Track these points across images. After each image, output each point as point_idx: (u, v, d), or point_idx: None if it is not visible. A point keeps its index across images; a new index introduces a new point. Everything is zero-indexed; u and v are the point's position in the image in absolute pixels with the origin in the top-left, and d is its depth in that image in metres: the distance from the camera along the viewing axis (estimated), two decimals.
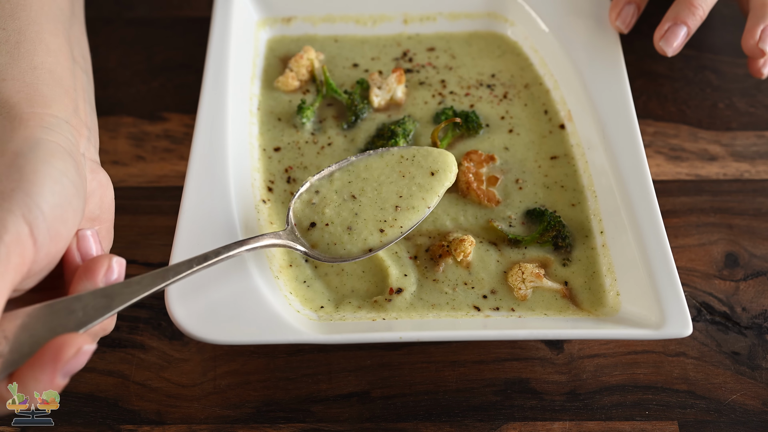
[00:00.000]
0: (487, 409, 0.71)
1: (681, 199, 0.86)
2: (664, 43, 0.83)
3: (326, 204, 0.71)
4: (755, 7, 0.83)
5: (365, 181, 0.72)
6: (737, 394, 0.72)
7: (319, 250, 0.70)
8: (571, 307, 0.72)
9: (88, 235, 0.58)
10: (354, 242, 0.70)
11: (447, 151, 0.76)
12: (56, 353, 0.48)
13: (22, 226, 0.50)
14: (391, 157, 0.74)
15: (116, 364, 0.74)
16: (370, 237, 0.70)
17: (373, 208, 0.71)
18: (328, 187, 0.72)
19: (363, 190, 0.72)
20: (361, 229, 0.70)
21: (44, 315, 0.51)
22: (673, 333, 0.64)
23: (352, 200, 0.71)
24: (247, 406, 0.72)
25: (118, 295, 0.54)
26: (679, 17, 0.82)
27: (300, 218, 0.71)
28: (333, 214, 0.71)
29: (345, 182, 0.72)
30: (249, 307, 0.66)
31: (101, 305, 0.53)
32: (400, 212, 0.71)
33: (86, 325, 0.52)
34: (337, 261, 0.70)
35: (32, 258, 0.51)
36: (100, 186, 0.63)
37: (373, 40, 0.95)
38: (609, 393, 0.72)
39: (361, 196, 0.71)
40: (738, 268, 0.81)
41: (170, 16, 1.07)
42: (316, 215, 0.71)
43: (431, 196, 0.72)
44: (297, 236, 0.70)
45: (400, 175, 0.72)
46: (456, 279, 0.74)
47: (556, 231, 0.76)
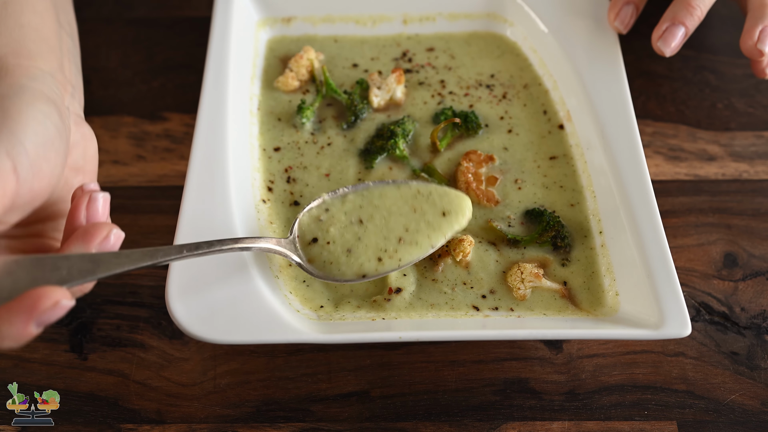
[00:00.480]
0: (487, 409, 0.71)
1: (680, 199, 0.87)
2: (662, 43, 0.83)
3: (333, 223, 0.72)
4: (754, 8, 0.83)
5: (376, 208, 0.72)
6: (736, 394, 0.72)
7: (314, 266, 0.70)
8: (570, 307, 0.72)
9: (100, 198, 0.58)
10: (350, 265, 0.70)
11: (465, 195, 0.74)
12: (34, 301, 0.49)
13: (5, 161, 0.52)
14: (407, 189, 0.74)
15: (116, 363, 0.74)
16: (366, 263, 0.70)
17: (377, 236, 0.71)
18: (339, 207, 0.73)
19: (371, 217, 0.72)
20: (359, 254, 0.70)
21: (30, 265, 0.53)
22: (672, 333, 0.64)
23: (359, 224, 0.71)
24: (246, 405, 0.72)
25: (105, 263, 0.54)
26: (677, 18, 0.82)
27: (304, 231, 0.72)
28: (337, 234, 0.71)
29: (356, 205, 0.73)
30: (249, 306, 0.66)
31: (86, 269, 0.53)
32: (402, 245, 0.71)
33: (67, 283, 0.52)
34: (329, 280, 0.70)
35: (14, 190, 0.53)
36: (83, 138, 0.66)
37: (372, 40, 0.96)
38: (608, 393, 0.72)
39: (369, 222, 0.71)
40: (737, 268, 0.81)
41: (170, 16, 1.07)
42: (320, 232, 0.71)
43: (437, 236, 0.72)
44: (297, 247, 0.71)
45: (412, 209, 0.72)
46: (455, 279, 0.74)
47: (555, 231, 0.76)
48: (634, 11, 0.87)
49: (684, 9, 0.82)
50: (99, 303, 0.78)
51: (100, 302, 0.79)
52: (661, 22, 0.84)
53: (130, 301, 0.79)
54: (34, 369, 0.74)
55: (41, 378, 0.73)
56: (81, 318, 0.77)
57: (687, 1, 0.82)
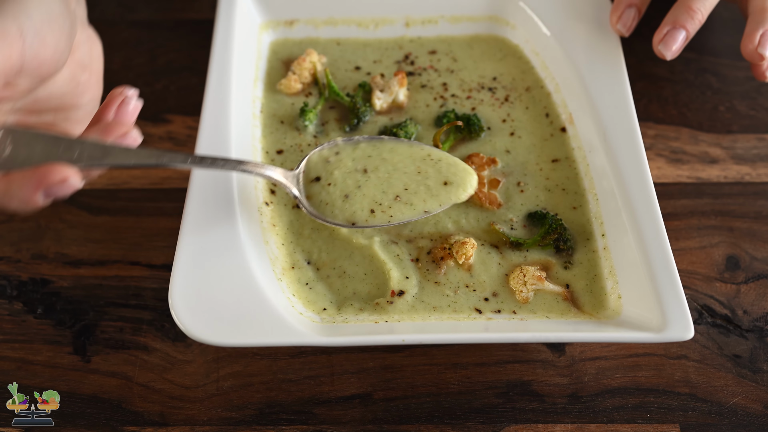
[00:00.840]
0: (489, 412, 0.72)
1: (682, 201, 0.87)
2: (663, 46, 0.83)
3: (338, 167, 0.73)
4: (754, 12, 0.83)
5: (383, 161, 0.73)
6: (739, 397, 0.72)
7: (311, 203, 0.72)
8: (572, 310, 0.72)
9: (132, 102, 0.63)
10: (343, 210, 0.72)
11: (473, 172, 0.75)
12: (46, 173, 0.54)
13: (11, 24, 0.56)
14: (419, 150, 0.75)
15: (120, 366, 0.75)
16: (359, 212, 0.71)
17: (376, 188, 0.72)
18: (349, 153, 0.74)
19: (376, 168, 0.73)
20: (354, 202, 0.72)
21: (47, 142, 0.57)
22: (675, 336, 0.64)
23: (362, 173, 0.72)
24: (249, 407, 0.72)
25: (115, 154, 0.58)
26: (678, 21, 0.82)
27: (310, 168, 0.73)
28: (339, 178, 0.72)
29: (365, 155, 0.73)
30: (252, 309, 0.66)
31: (97, 155, 0.58)
32: (397, 203, 0.71)
33: (77, 164, 0.57)
34: (320, 219, 0.72)
35: (21, 51, 0.56)
36: (88, 39, 0.69)
37: (375, 43, 0.96)
38: (610, 396, 0.72)
39: (372, 173, 0.72)
40: (739, 271, 0.81)
41: (173, 18, 1.08)
42: (324, 172, 0.73)
43: (433, 202, 0.73)
44: (299, 182, 0.73)
45: (417, 170, 0.73)
46: (457, 281, 0.74)
47: (558, 234, 0.76)
48: (636, 14, 0.87)
49: (685, 13, 0.82)
50: (102, 305, 0.79)
51: (103, 304, 0.79)
52: (662, 25, 0.84)
53: (133, 303, 0.79)
54: (37, 371, 0.74)
55: (45, 380, 0.74)
56: (84, 320, 0.78)
57: (688, 4, 0.82)
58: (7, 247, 0.83)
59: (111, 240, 0.84)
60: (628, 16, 0.87)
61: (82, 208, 0.86)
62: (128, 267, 0.82)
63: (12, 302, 0.79)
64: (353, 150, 0.73)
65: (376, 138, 0.75)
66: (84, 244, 0.83)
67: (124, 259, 0.82)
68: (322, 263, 0.75)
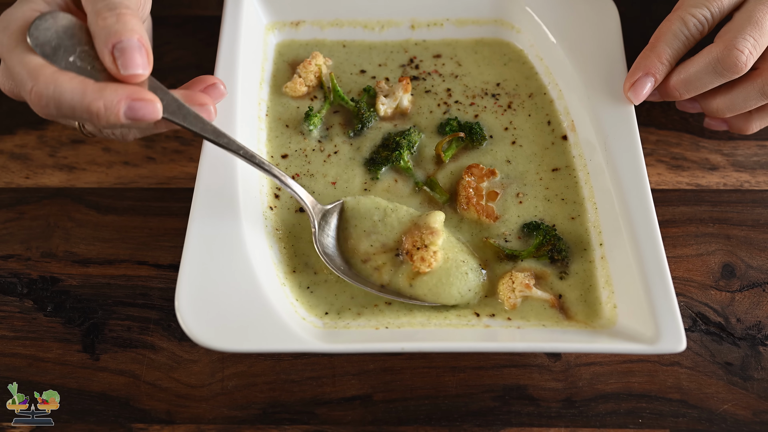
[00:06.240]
0: (486, 415, 0.74)
1: (681, 208, 0.88)
2: (633, 94, 0.82)
3: (361, 240, 0.78)
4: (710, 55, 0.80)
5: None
6: (729, 404, 0.74)
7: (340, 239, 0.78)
8: (559, 317, 0.73)
9: (221, 88, 0.74)
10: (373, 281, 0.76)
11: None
12: (138, 90, 0.62)
13: None
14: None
15: (128, 364, 0.77)
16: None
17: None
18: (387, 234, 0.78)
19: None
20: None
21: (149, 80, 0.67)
22: (667, 348, 0.65)
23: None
24: (253, 407, 0.74)
25: (183, 114, 0.68)
26: (649, 69, 0.81)
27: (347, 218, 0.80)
28: (352, 242, 0.79)
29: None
30: (257, 314, 0.68)
31: (172, 108, 0.67)
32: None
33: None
34: (326, 260, 0.76)
35: None
36: None
37: (380, 45, 0.96)
38: (604, 401, 0.74)
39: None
40: (734, 279, 0.82)
41: (179, 14, 1.08)
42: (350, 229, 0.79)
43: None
44: (319, 217, 0.77)
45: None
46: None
47: (552, 245, 0.77)
48: (652, 85, 0.82)
49: (656, 60, 0.81)
50: (110, 304, 0.81)
51: (112, 303, 0.81)
52: (633, 70, 0.82)
53: (141, 302, 0.81)
54: (48, 368, 0.77)
55: (55, 377, 0.76)
56: (93, 318, 0.80)
57: (658, 53, 0.81)
58: (17, 245, 0.85)
59: (119, 239, 0.85)
60: (642, 85, 0.82)
61: (90, 207, 0.88)
62: (136, 266, 0.83)
63: (23, 300, 0.81)
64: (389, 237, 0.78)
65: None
66: (92, 243, 0.85)
67: (132, 259, 0.84)
68: (319, 267, 0.77)
